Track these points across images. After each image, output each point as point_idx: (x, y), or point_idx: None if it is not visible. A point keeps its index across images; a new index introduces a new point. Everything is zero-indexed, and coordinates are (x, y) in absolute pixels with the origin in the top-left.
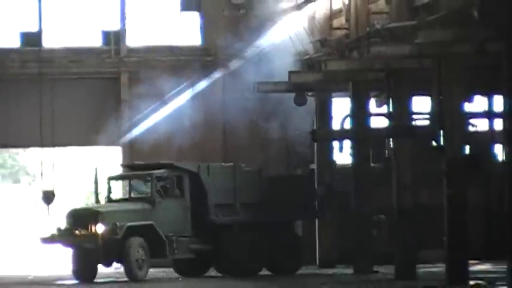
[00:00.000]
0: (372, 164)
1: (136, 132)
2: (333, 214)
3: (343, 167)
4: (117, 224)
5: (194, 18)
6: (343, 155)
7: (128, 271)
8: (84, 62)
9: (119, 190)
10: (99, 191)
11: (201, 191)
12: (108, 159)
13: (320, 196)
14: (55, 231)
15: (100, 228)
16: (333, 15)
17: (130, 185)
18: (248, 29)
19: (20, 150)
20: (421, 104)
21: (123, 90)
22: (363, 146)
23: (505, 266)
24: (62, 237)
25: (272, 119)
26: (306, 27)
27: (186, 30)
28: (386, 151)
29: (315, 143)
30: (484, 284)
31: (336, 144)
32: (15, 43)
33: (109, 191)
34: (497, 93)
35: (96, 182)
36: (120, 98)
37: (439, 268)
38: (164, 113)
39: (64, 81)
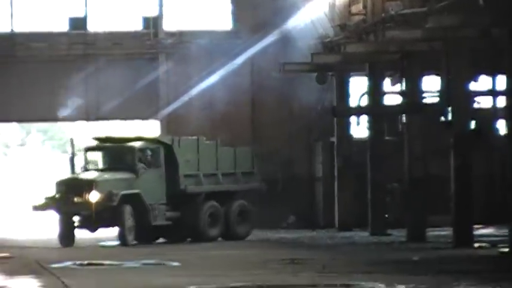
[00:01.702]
0: (386, 138)
1: (172, 107)
2: (351, 183)
3: (360, 140)
4: (113, 192)
5: (225, 4)
6: (360, 129)
7: (122, 236)
8: (125, 44)
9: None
10: (74, 161)
11: (173, 162)
12: (149, 131)
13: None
14: (44, 200)
15: (95, 196)
16: (351, 2)
17: (109, 156)
18: (275, 14)
19: (68, 124)
20: (431, 83)
21: (161, 70)
22: (378, 121)
23: (507, 230)
24: (57, 204)
25: (296, 96)
26: (326, 13)
27: (218, 16)
28: (400, 126)
29: (335, 118)
30: (487, 246)
31: (353, 119)
32: (63, 27)
33: (86, 162)
34: (500, 74)
35: (73, 153)
36: (158, 76)
37: (447, 232)
38: (198, 90)
39: (107, 62)
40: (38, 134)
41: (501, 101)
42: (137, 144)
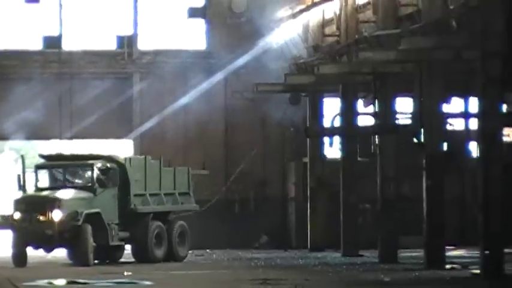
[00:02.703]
0: (359, 159)
1: (146, 127)
2: (323, 203)
3: (333, 161)
4: (78, 211)
5: (199, 24)
6: (333, 150)
7: (83, 256)
8: (99, 63)
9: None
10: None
11: (125, 181)
12: (120, 151)
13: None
14: (0, 218)
15: (58, 215)
16: (325, 23)
17: (64, 173)
18: (248, 35)
19: (41, 142)
20: (404, 104)
21: (135, 89)
22: (351, 142)
23: (478, 252)
24: (16, 223)
25: (269, 117)
26: (300, 34)
27: (192, 36)
28: (372, 147)
29: (308, 139)
30: (459, 267)
31: (326, 140)
32: (38, 45)
33: (36, 179)
34: (473, 96)
35: (23, 171)
36: (132, 96)
37: (419, 253)
38: (172, 110)
39: (81, 80)
40: (11, 152)
41: (473, 123)
42: (96, 162)
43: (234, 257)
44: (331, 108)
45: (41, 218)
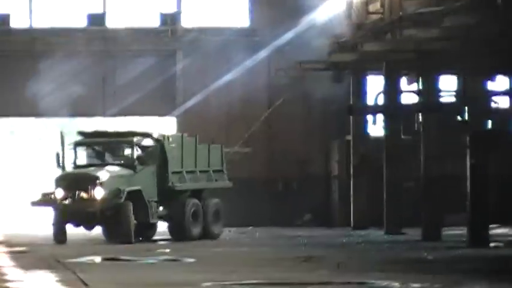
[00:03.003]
0: (402, 137)
1: (188, 105)
2: (367, 181)
3: (376, 139)
4: (120, 188)
5: (243, 1)
6: (376, 127)
7: (125, 234)
8: (143, 40)
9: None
10: (63, 156)
11: (163, 159)
12: (164, 128)
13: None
14: (42, 196)
15: (99, 192)
16: (369, 0)
17: (103, 150)
18: (291, 12)
19: (85, 120)
20: (448, 82)
21: (178, 67)
22: (395, 120)
23: None
24: (59, 200)
25: (312, 95)
26: (344, 11)
27: (235, 13)
28: (416, 125)
29: (351, 117)
30: (502, 246)
31: (370, 118)
32: (82, 23)
33: (75, 157)
34: None
35: (62, 148)
36: (176, 73)
37: (462, 231)
38: (215, 88)
39: (125, 58)
40: (56, 128)
41: None
42: (136, 139)
43: (277, 235)
44: (375, 86)
45: (83, 195)
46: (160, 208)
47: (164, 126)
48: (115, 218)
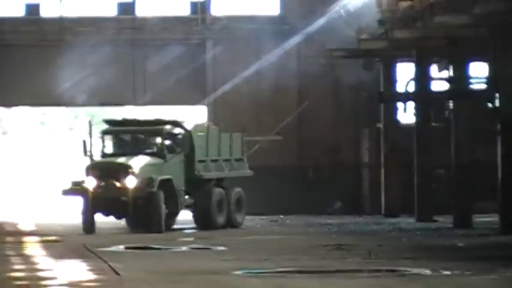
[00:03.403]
0: (433, 124)
1: (218, 93)
2: (397, 169)
3: (407, 126)
4: (153, 177)
5: None
6: (407, 115)
7: (157, 223)
8: (173, 29)
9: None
10: (90, 144)
11: (191, 147)
12: (194, 117)
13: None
14: (72, 185)
15: (132, 181)
16: None
17: (132, 139)
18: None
19: (115, 109)
20: (479, 69)
21: (208, 55)
22: (425, 107)
23: None
24: (90, 189)
25: (342, 82)
26: None
27: (265, 1)
28: (446, 112)
29: (382, 104)
30: None
31: (400, 105)
32: (112, 12)
33: (103, 145)
34: None
35: (90, 136)
36: (206, 62)
37: (494, 218)
38: (244, 76)
39: (155, 47)
40: (86, 118)
41: None
42: (166, 127)
43: (307, 223)
44: (405, 73)
45: (115, 184)
46: (186, 197)
47: (194, 115)
48: (146, 207)
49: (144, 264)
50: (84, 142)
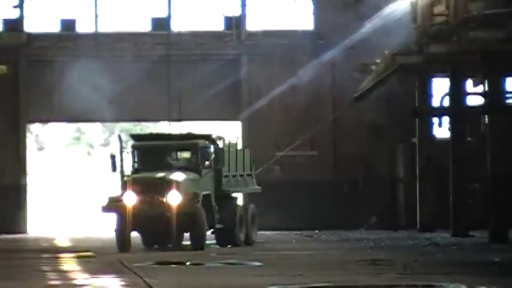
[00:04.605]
0: (468, 138)
1: (253, 108)
2: (433, 183)
3: (442, 141)
4: (197, 192)
5: (307, 4)
6: (442, 130)
7: (200, 239)
8: (207, 44)
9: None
10: (121, 160)
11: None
12: (229, 132)
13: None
14: (110, 201)
15: (176, 197)
16: (433, 2)
17: (165, 154)
18: (356, 14)
19: (150, 124)
20: None
21: (243, 70)
22: (460, 122)
23: None
24: (130, 205)
25: (377, 97)
26: (409, 14)
27: (300, 16)
28: (482, 126)
29: (417, 119)
30: None
31: (435, 120)
32: (147, 27)
33: (134, 160)
34: None
35: (121, 151)
36: (240, 77)
37: None
38: (279, 91)
39: (190, 62)
40: (121, 134)
41: None
42: (200, 141)
43: (343, 238)
44: (440, 88)
45: (162, 199)
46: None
47: (230, 130)
48: (190, 224)
49: (178, 279)
50: (113, 157)
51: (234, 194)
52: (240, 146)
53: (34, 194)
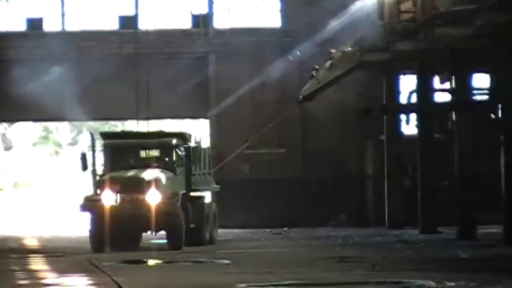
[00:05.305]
0: (435, 135)
1: (221, 106)
2: (401, 180)
3: (410, 138)
4: (177, 191)
5: (274, 2)
6: (410, 127)
7: (178, 239)
8: (175, 42)
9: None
10: (93, 158)
11: (189, 160)
12: (196, 130)
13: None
14: (86, 200)
15: (156, 196)
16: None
17: (137, 152)
18: (324, 12)
19: (118, 123)
20: (481, 81)
21: (211, 69)
22: (428, 119)
23: None
24: (108, 204)
25: (345, 95)
26: (375, 11)
27: (267, 13)
28: (449, 123)
29: (384, 116)
30: None
31: (403, 117)
32: (114, 26)
33: (106, 159)
34: None
35: (93, 149)
36: (208, 75)
37: (498, 229)
38: (247, 89)
39: (157, 61)
40: (88, 133)
41: None
42: (174, 140)
43: (311, 235)
44: (408, 85)
45: (142, 198)
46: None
47: (197, 128)
48: (168, 223)
49: (148, 278)
50: (84, 156)
51: (199, 193)
52: (204, 145)
53: (1, 193)
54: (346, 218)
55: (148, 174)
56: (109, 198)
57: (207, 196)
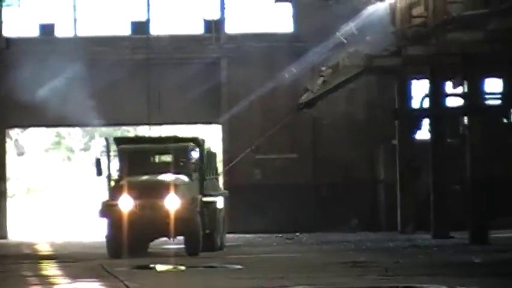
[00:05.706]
0: (448, 140)
1: (233, 111)
2: (413, 185)
3: (422, 142)
4: (196, 196)
5: (286, 7)
6: (422, 131)
7: (196, 245)
8: (187, 48)
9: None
10: (108, 163)
11: (202, 165)
12: (209, 135)
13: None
14: (104, 206)
15: (175, 201)
16: (412, 4)
17: (149, 158)
18: (335, 17)
19: (130, 128)
20: (493, 85)
21: (223, 74)
22: (440, 123)
23: None
24: (126, 210)
25: (357, 99)
26: (387, 15)
27: (279, 19)
28: (461, 128)
29: (396, 121)
30: None
31: (415, 122)
32: (126, 31)
33: (121, 164)
34: None
35: (108, 154)
36: (220, 80)
37: (510, 234)
38: (259, 94)
39: (169, 66)
40: (101, 138)
41: None
42: (190, 145)
43: (323, 240)
44: (420, 89)
45: (162, 204)
46: None
47: (209, 133)
48: (187, 229)
49: (160, 283)
50: (98, 161)
51: (213, 198)
52: (212, 149)
53: (14, 199)
54: (358, 222)
55: (167, 178)
56: (127, 204)
57: (219, 201)
